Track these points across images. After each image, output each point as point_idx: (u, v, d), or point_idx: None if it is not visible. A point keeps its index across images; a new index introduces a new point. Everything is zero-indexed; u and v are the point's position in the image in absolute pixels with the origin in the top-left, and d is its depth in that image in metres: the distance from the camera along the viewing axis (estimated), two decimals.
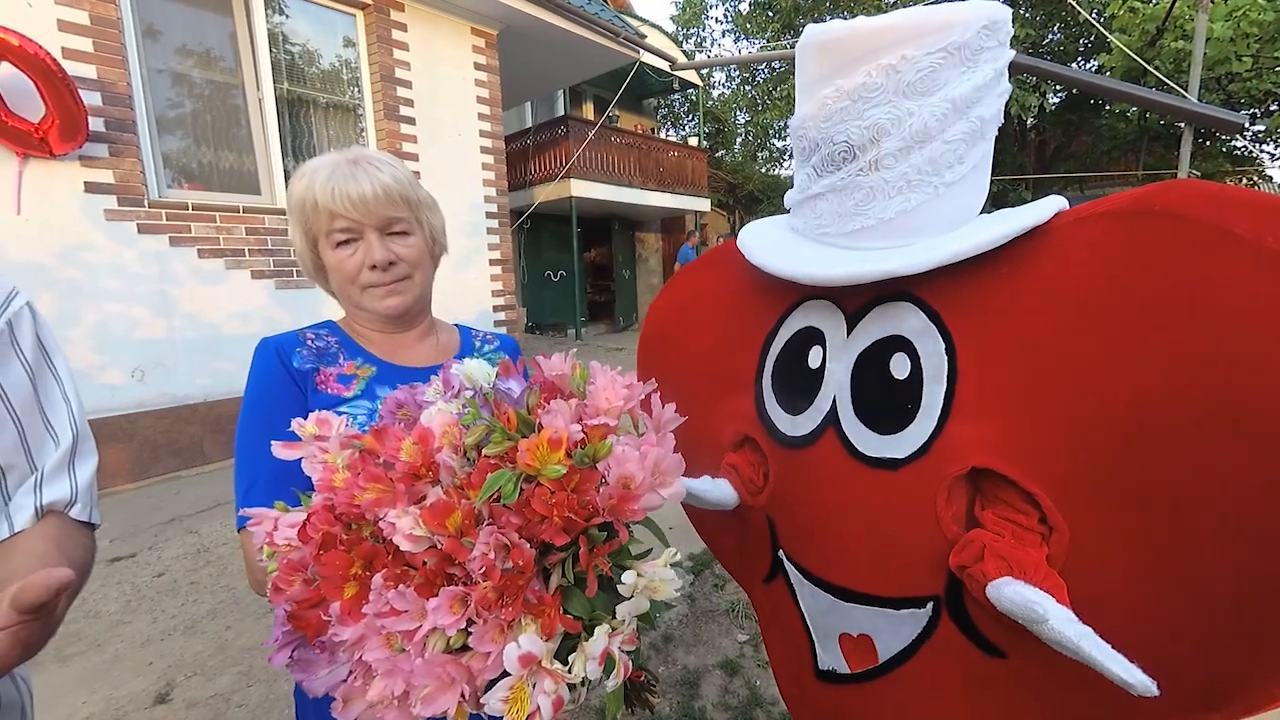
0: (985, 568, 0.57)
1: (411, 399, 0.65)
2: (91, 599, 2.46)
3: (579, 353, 0.68)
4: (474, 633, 0.50)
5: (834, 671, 0.80)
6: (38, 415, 0.66)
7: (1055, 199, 0.64)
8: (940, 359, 0.66)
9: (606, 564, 0.54)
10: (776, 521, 0.85)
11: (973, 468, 0.63)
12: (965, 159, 0.67)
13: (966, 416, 0.64)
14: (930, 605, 0.68)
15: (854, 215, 0.70)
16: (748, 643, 2.22)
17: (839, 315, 0.76)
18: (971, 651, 0.67)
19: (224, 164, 4.03)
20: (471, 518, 0.52)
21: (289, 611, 0.54)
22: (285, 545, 0.57)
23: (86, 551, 0.67)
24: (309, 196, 0.82)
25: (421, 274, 0.91)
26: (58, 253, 3.23)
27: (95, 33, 3.29)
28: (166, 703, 1.90)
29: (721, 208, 15.51)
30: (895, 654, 0.72)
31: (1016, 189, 11.98)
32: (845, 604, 0.75)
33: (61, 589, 0.45)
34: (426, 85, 4.86)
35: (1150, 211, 0.55)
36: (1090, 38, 11.06)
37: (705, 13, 17.02)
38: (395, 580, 0.51)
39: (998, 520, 0.61)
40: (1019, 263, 0.63)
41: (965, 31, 0.63)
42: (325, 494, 0.57)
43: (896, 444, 0.68)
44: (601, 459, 0.56)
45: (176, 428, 3.69)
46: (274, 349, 0.85)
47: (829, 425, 0.75)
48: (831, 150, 0.70)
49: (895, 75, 0.64)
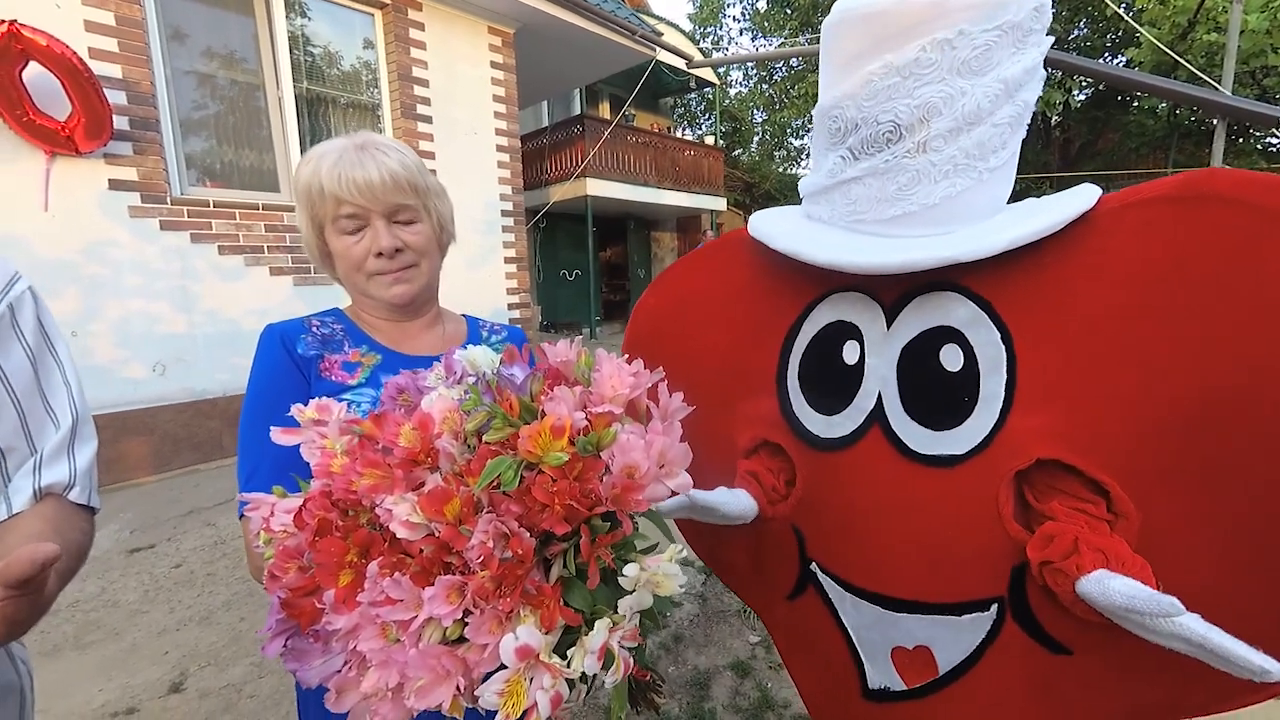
0: (1080, 560, 0.55)
1: (413, 384, 0.64)
2: (111, 589, 2.50)
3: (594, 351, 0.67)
4: (470, 623, 0.48)
5: (886, 689, 0.75)
6: (38, 399, 0.67)
7: (1092, 186, 0.63)
8: (997, 348, 0.63)
9: (609, 555, 0.53)
10: (805, 530, 0.80)
11: (1034, 461, 0.61)
12: (1008, 144, 0.65)
13: (1028, 407, 0.62)
14: (994, 608, 0.65)
15: (895, 200, 0.67)
16: (759, 644, 2.19)
17: (875, 308, 0.72)
18: (1036, 652, 0.64)
19: (244, 162, 4.09)
20: (470, 505, 0.51)
21: (283, 599, 0.53)
22: (282, 531, 0.56)
23: (84, 534, 0.67)
24: (315, 182, 0.81)
25: (428, 262, 0.89)
26: (82, 249, 3.30)
27: (120, 33, 3.35)
28: (180, 692, 1.92)
29: (738, 207, 15.43)
30: (957, 664, 0.69)
31: (1040, 187, 11.74)
32: (896, 615, 0.71)
33: (47, 564, 0.45)
34: (443, 84, 4.89)
35: (1205, 196, 0.55)
36: (1119, 32, 10.82)
37: (723, 10, 16.99)
38: (391, 568, 0.50)
39: (1069, 511, 0.59)
40: (1065, 250, 0.61)
41: (1019, 10, 0.61)
42: (323, 479, 0.56)
43: (953, 440, 0.65)
44: (605, 447, 0.54)
45: (196, 422, 3.75)
46: (279, 336, 0.84)
47: (873, 424, 0.71)
48: (875, 131, 0.66)
49: (951, 51, 0.61)
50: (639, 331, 1.05)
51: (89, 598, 2.42)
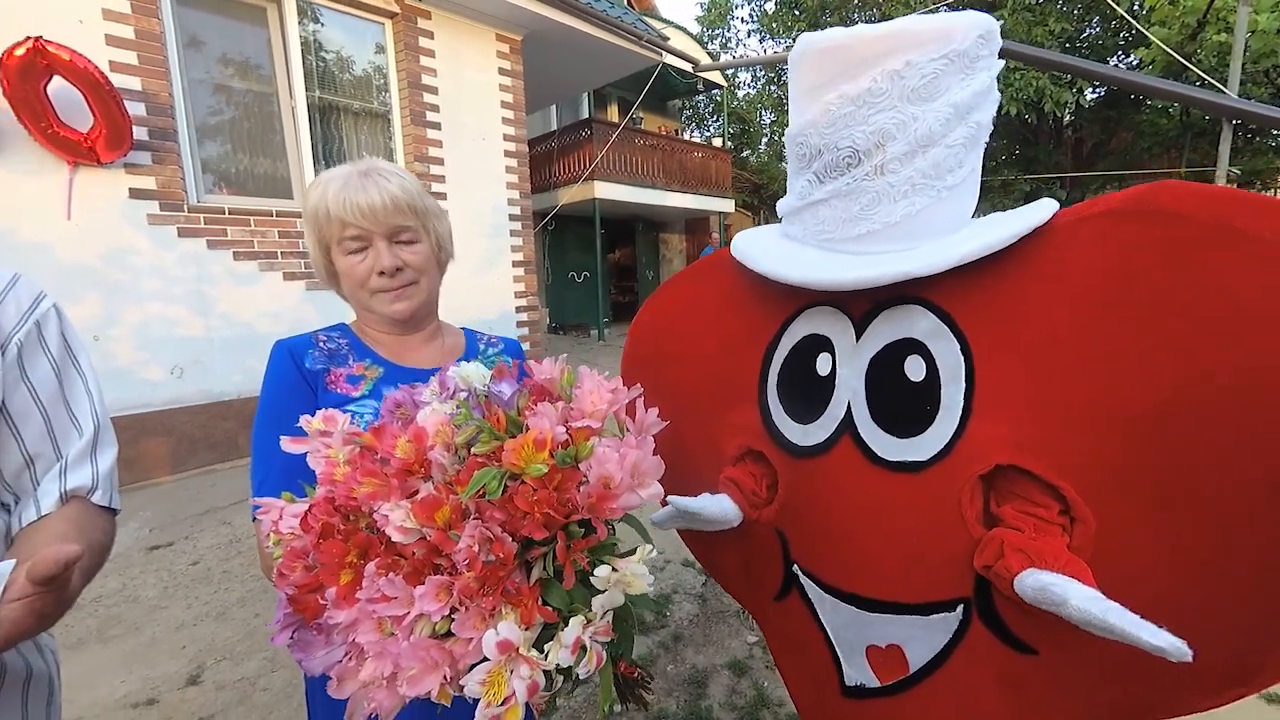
0: (1007, 563, 0.58)
1: (410, 399, 0.69)
2: (131, 585, 2.59)
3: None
4: (457, 619, 0.53)
5: (862, 686, 0.78)
6: (63, 407, 0.72)
7: (1049, 201, 0.66)
8: (956, 359, 0.67)
9: (585, 559, 0.57)
10: (788, 534, 0.83)
11: (993, 467, 0.63)
12: (964, 163, 0.69)
13: (987, 415, 0.64)
14: (960, 608, 0.68)
15: (859, 220, 0.71)
16: (757, 644, 2.23)
17: (845, 321, 0.76)
18: (1003, 652, 0.67)
19: (258, 169, 4.19)
20: (459, 512, 0.56)
21: (290, 595, 0.59)
22: (289, 534, 0.61)
23: (106, 535, 0.72)
24: (322, 206, 0.87)
25: (427, 279, 0.95)
26: (103, 255, 3.40)
27: (140, 46, 3.46)
28: (197, 684, 2.00)
29: (746, 208, 15.43)
30: (926, 662, 0.71)
31: (1051, 187, 11.64)
32: (870, 615, 0.74)
33: (70, 563, 0.49)
34: (452, 91, 4.97)
35: (1152, 211, 0.58)
36: (1129, 31, 10.69)
37: (730, 13, 16.94)
38: (386, 569, 0.55)
39: (1017, 515, 0.62)
40: (1024, 262, 0.65)
41: (964, 39, 0.65)
42: (327, 486, 0.61)
43: (917, 447, 0.68)
44: (584, 459, 0.59)
45: (212, 423, 3.84)
46: (288, 351, 0.90)
47: (844, 432, 0.74)
48: (836, 156, 0.70)
49: (900, 81, 0.65)
50: (636, 348, 1.09)
51: (111, 593, 2.52)
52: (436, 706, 0.55)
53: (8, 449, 0.67)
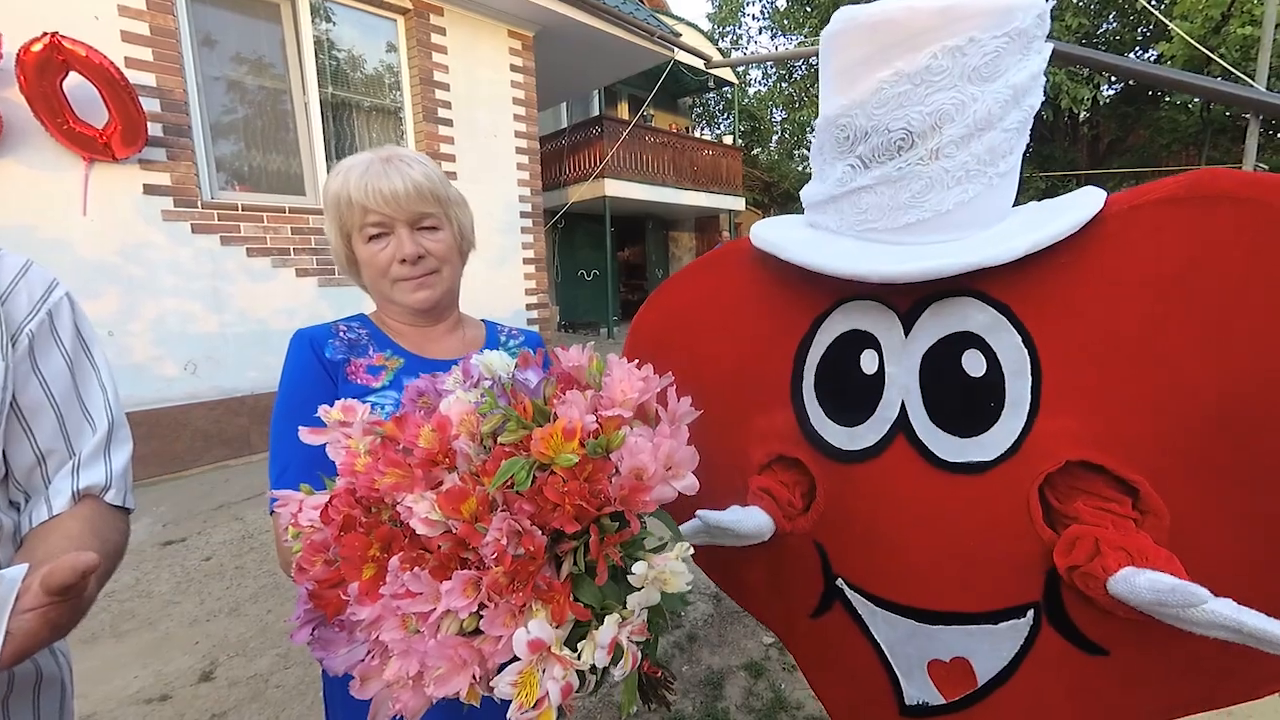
0: (1105, 562, 0.55)
1: (432, 388, 0.67)
2: (145, 580, 2.60)
3: (611, 350, 0.68)
4: (485, 616, 0.51)
5: (924, 705, 0.74)
6: (76, 403, 0.69)
7: (1096, 189, 0.63)
8: (1020, 352, 0.63)
9: (618, 554, 0.55)
10: (829, 546, 0.79)
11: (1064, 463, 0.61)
12: (1015, 149, 0.66)
13: (1055, 410, 0.62)
14: (1031, 613, 0.65)
15: (908, 208, 0.67)
16: (773, 645, 2.20)
17: (891, 315, 0.71)
18: (1074, 656, 0.64)
19: (272, 166, 4.20)
20: (486, 504, 0.53)
21: (310, 590, 0.56)
22: (309, 526, 0.59)
23: (120, 535, 0.69)
24: (344, 192, 0.85)
25: (450, 269, 0.93)
26: (119, 251, 3.42)
27: (155, 43, 3.47)
28: (210, 680, 1.99)
29: (756, 206, 15.36)
30: (996, 674, 0.68)
31: (1066, 185, 11.49)
32: (932, 627, 0.70)
33: (89, 572, 0.47)
34: (464, 87, 4.96)
35: (1214, 196, 0.56)
36: (1149, 25, 10.53)
37: (742, 9, 16.87)
38: (411, 563, 0.52)
39: (1094, 512, 0.59)
40: (1078, 252, 0.62)
41: (1025, 17, 0.61)
42: (347, 478, 0.58)
43: (980, 446, 0.65)
44: (615, 449, 0.56)
45: (226, 419, 3.86)
46: (308, 341, 0.88)
47: (898, 433, 0.70)
48: (886, 138, 0.66)
49: (962, 58, 0.61)
50: (639, 345, 1.01)
51: (124, 588, 2.52)
52: (464, 706, 0.52)
53: (19, 446, 0.65)
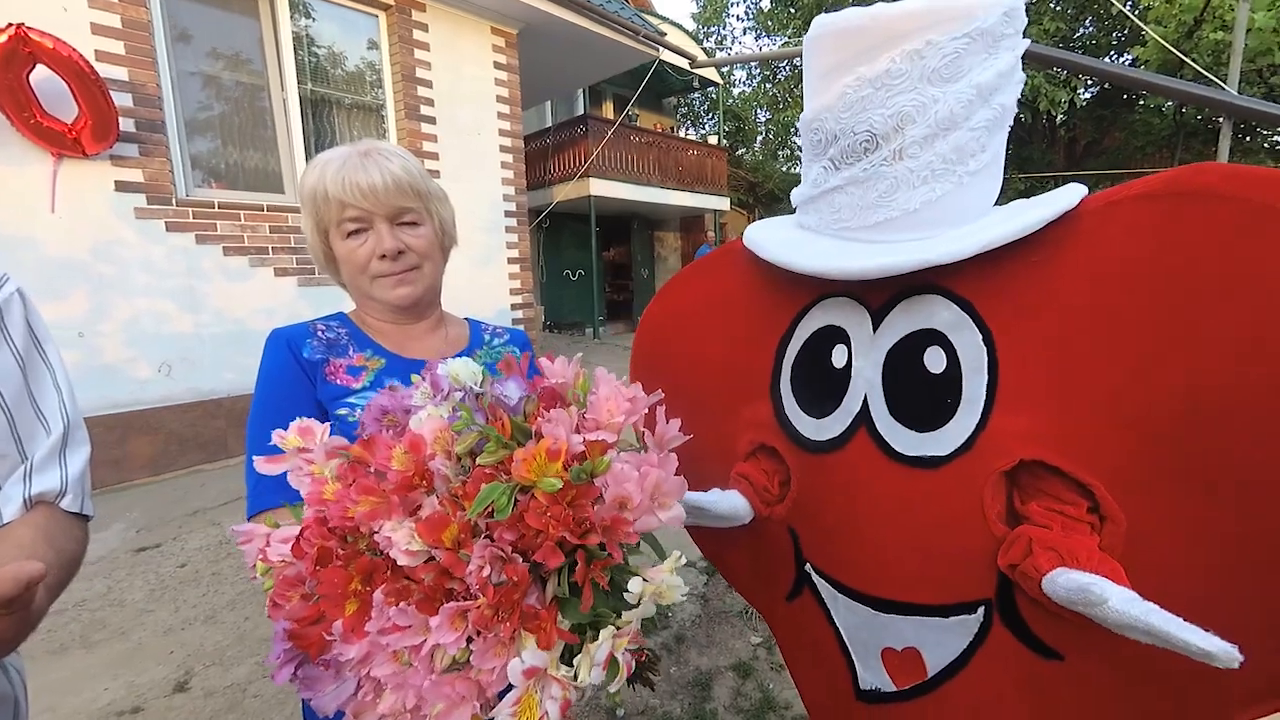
0: (1036, 562, 0.55)
1: (397, 404, 0.62)
2: (117, 588, 2.52)
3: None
4: (475, 651, 0.49)
5: (877, 690, 0.76)
6: (28, 404, 0.65)
7: (1077, 186, 0.63)
8: (979, 350, 0.64)
9: (604, 577, 0.52)
10: (801, 532, 0.81)
11: (1017, 462, 0.61)
12: (987, 147, 0.66)
13: (1010, 408, 0.62)
14: (981, 610, 0.65)
15: (876, 207, 0.68)
16: (761, 645, 2.19)
17: (862, 311, 0.73)
18: (1026, 656, 0.64)
19: (249, 163, 4.11)
20: (468, 530, 0.50)
21: (290, 630, 0.53)
22: (281, 562, 0.55)
23: (77, 543, 0.65)
24: (320, 187, 0.82)
25: (431, 265, 0.90)
26: (90, 249, 3.32)
27: (127, 35, 3.37)
28: (185, 691, 1.94)
29: (741, 206, 15.41)
30: (945, 666, 0.69)
31: (1044, 186, 11.69)
32: (886, 616, 0.71)
33: (34, 582, 0.44)
34: (447, 85, 4.90)
35: (1189, 193, 0.54)
36: (1124, 30, 10.76)
37: (726, 10, 16.93)
38: (396, 595, 0.49)
39: (1044, 512, 0.59)
40: (1050, 250, 0.61)
41: (987, 18, 0.62)
42: (316, 507, 0.54)
43: (936, 441, 0.66)
44: (599, 475, 0.53)
45: (202, 421, 3.77)
46: (285, 340, 0.85)
47: (860, 426, 0.72)
48: (852, 141, 0.68)
49: (920, 61, 0.62)
50: (645, 343, 1.07)
51: (95, 597, 2.44)
52: None
53: None
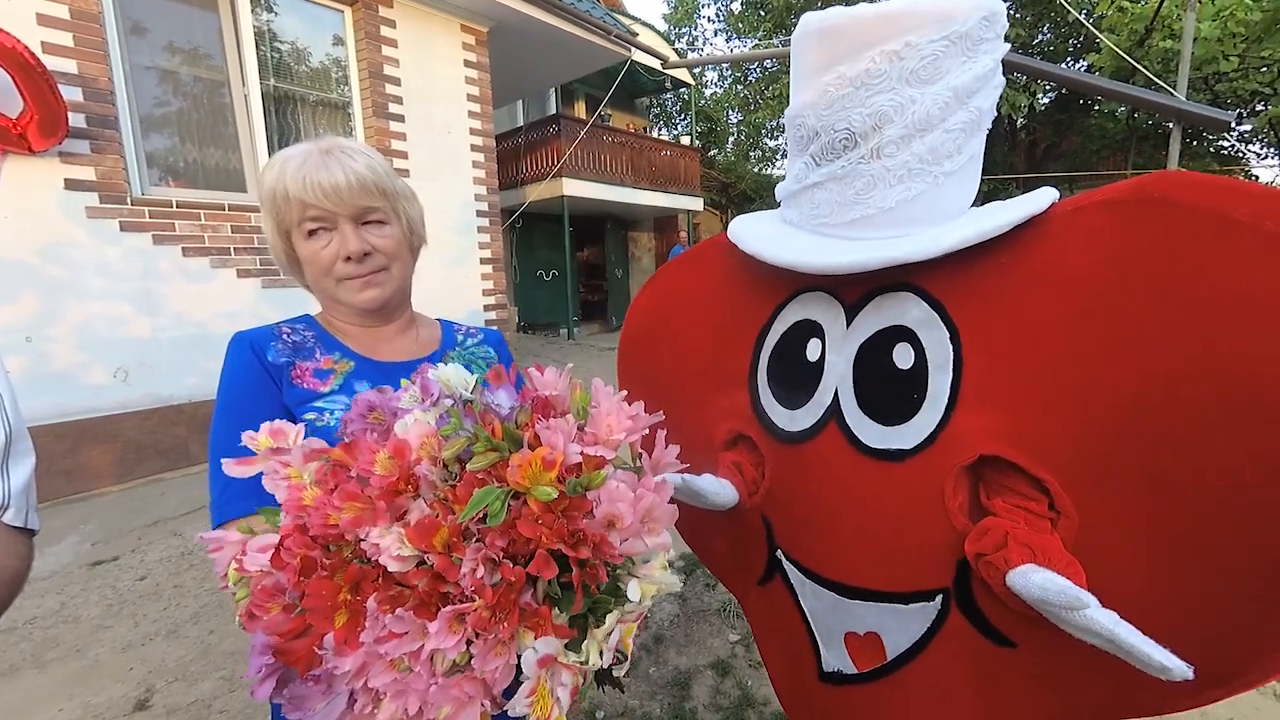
0: (1008, 555, 0.57)
1: (385, 404, 0.60)
2: (71, 604, 2.41)
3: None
4: (475, 653, 0.48)
5: (839, 672, 0.79)
6: None
7: (1049, 190, 0.65)
8: (945, 348, 0.66)
9: (595, 582, 0.52)
10: (773, 519, 0.83)
11: (977, 457, 0.62)
12: (964, 149, 0.68)
13: (973, 405, 0.64)
14: (939, 598, 0.67)
15: (854, 204, 0.70)
16: (739, 642, 2.20)
17: (837, 307, 0.75)
18: (981, 644, 0.66)
19: (209, 161, 3.98)
20: (459, 534, 0.49)
21: (274, 646, 0.50)
22: (258, 571, 0.53)
23: (19, 559, 0.62)
24: (280, 186, 0.79)
25: (399, 266, 0.88)
26: (37, 251, 3.16)
27: (76, 27, 3.23)
28: (146, 709, 1.86)
29: (714, 207, 15.51)
30: (904, 651, 0.71)
31: (1006, 188, 12.04)
32: (850, 601, 0.74)
33: None
34: (416, 83, 4.81)
35: (1148, 199, 0.56)
36: (1080, 37, 11.15)
37: (697, 11, 17.03)
38: (390, 602, 0.48)
39: (1009, 508, 0.61)
40: (1019, 252, 0.63)
41: (966, 21, 0.64)
42: (296, 514, 0.52)
43: (901, 435, 0.68)
44: (594, 489, 0.53)
45: (162, 428, 3.63)
46: (248, 343, 0.82)
47: (830, 418, 0.74)
48: (832, 138, 0.70)
49: (899, 62, 0.64)
50: (631, 331, 1.10)
51: (47, 614, 2.33)
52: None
53: None
